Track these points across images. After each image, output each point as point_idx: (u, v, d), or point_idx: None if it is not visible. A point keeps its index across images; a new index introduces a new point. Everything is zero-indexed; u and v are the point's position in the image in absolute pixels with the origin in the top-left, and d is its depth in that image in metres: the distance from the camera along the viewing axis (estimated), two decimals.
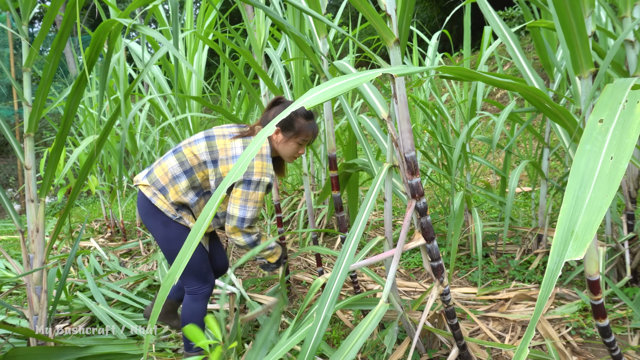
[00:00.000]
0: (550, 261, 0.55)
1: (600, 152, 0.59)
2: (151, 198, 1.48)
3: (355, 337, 1.08)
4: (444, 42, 8.72)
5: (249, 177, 1.42)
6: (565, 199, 0.58)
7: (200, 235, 0.68)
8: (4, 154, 9.51)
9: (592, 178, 0.58)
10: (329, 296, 1.04)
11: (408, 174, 1.16)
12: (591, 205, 0.55)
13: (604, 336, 1.18)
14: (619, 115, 0.62)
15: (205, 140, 1.50)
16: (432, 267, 1.26)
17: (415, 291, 2.21)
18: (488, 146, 4.50)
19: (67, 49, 10.09)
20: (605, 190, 0.56)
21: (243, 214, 1.44)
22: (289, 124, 1.50)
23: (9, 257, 1.67)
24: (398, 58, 1.10)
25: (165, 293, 0.67)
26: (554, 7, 0.98)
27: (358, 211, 1.17)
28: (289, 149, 1.54)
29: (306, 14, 1.52)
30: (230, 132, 1.54)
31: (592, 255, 1.10)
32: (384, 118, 1.23)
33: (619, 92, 0.66)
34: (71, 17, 1.33)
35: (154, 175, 1.51)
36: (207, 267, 1.57)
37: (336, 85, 0.72)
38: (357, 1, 1.02)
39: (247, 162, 0.67)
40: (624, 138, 0.59)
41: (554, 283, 0.54)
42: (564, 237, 0.55)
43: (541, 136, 2.14)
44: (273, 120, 0.68)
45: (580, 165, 0.59)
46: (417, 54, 3.12)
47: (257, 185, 1.43)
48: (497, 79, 0.84)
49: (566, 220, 0.56)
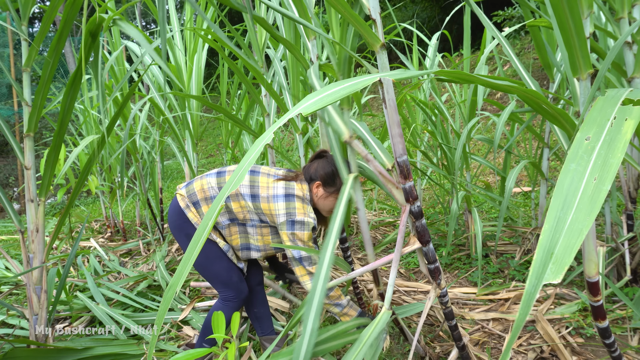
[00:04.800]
0: (528, 283, 0.54)
1: (585, 171, 0.58)
2: (184, 209, 1.53)
3: (358, 347, 1.06)
4: (444, 42, 8.72)
5: (292, 218, 1.43)
6: (547, 220, 0.57)
7: (205, 235, 0.69)
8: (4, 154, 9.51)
9: (574, 199, 0.57)
10: (312, 309, 1.00)
11: (401, 178, 1.15)
12: (572, 228, 0.54)
13: (603, 337, 1.18)
14: (606, 133, 0.61)
15: (249, 175, 1.52)
16: (429, 270, 1.25)
17: (416, 291, 2.21)
18: (488, 146, 4.49)
19: (67, 49, 10.09)
20: (586, 212, 0.55)
21: (298, 254, 1.45)
22: (331, 179, 1.50)
23: (9, 257, 1.67)
24: (385, 62, 1.09)
25: (173, 292, 0.68)
26: (552, 9, 0.98)
27: (329, 220, 1.16)
28: (329, 204, 1.54)
29: (293, 21, 1.51)
30: (276, 172, 1.56)
31: (591, 256, 1.10)
32: (345, 140, 1.23)
33: (609, 107, 0.65)
34: (70, 17, 1.32)
35: (192, 188, 1.56)
36: (238, 278, 1.60)
37: (333, 91, 0.72)
38: (341, 8, 1.00)
39: (244, 172, 0.67)
40: (609, 158, 0.58)
41: (531, 306, 0.53)
42: (543, 258, 0.55)
43: (541, 136, 2.14)
44: (272, 126, 0.68)
45: (564, 185, 0.59)
46: (417, 54, 3.12)
47: (302, 225, 1.43)
48: (494, 81, 0.84)
49: (546, 241, 0.55)
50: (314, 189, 1.53)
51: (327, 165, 1.51)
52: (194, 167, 2.84)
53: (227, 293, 1.58)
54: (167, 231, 3.78)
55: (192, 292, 2.44)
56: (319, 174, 1.51)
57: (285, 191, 1.46)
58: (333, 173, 1.50)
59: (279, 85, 2.33)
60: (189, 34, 2.73)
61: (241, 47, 1.86)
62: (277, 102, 1.97)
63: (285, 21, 1.86)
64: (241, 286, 1.59)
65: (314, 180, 1.52)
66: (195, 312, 2.12)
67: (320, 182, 1.51)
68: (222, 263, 1.56)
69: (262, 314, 1.74)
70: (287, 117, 0.67)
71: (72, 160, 2.47)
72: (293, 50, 1.47)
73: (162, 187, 3.76)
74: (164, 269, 2.61)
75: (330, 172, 1.50)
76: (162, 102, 2.83)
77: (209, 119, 6.29)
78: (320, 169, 1.51)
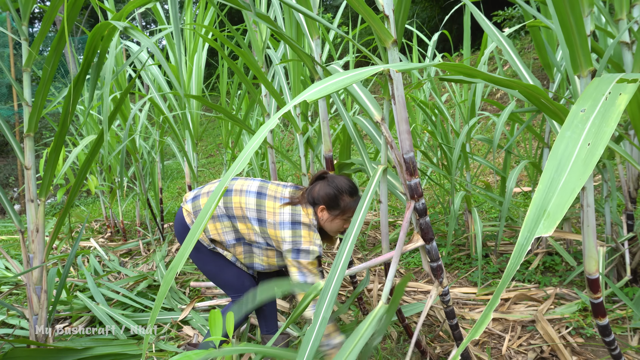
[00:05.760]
0: (520, 236, 0.57)
1: (579, 138, 0.61)
2: (190, 224, 1.51)
3: (355, 339, 1.06)
4: (444, 42, 8.73)
5: (297, 247, 1.41)
6: (541, 181, 0.59)
7: (198, 234, 0.69)
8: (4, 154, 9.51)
9: (568, 162, 0.59)
10: (327, 297, 1.03)
11: (407, 175, 1.16)
12: (565, 187, 0.57)
13: (603, 335, 1.18)
14: (601, 105, 0.63)
15: (256, 197, 1.49)
16: (432, 268, 1.26)
17: (416, 291, 2.21)
18: (488, 146, 4.49)
19: (67, 49, 10.08)
20: (579, 174, 0.57)
21: (304, 279, 1.43)
22: (334, 202, 1.47)
23: (9, 257, 1.67)
24: (396, 58, 1.10)
25: (167, 287, 0.68)
26: (554, 7, 0.98)
27: (335, 239, 1.16)
28: (335, 226, 1.52)
29: (297, 12, 1.51)
30: (282, 195, 1.52)
31: (591, 254, 1.10)
32: (377, 120, 1.23)
33: (604, 85, 0.67)
34: (71, 18, 1.33)
35: (199, 204, 1.53)
36: (250, 282, 1.60)
37: (336, 80, 0.73)
38: (355, 2, 1.01)
39: (245, 160, 0.67)
40: (603, 127, 0.60)
41: (522, 257, 0.56)
42: (536, 215, 0.57)
43: (541, 136, 2.14)
44: (257, 132, 0.68)
45: (559, 149, 0.61)
46: (417, 54, 3.12)
47: (307, 254, 1.42)
48: (497, 77, 0.84)
49: (540, 199, 0.57)
50: (318, 213, 1.50)
51: (329, 187, 1.47)
52: (194, 167, 2.84)
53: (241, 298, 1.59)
54: (167, 231, 3.78)
55: (192, 292, 2.45)
56: (322, 198, 1.47)
57: (291, 218, 1.44)
58: (335, 196, 1.47)
59: (279, 85, 2.33)
60: (189, 34, 2.73)
61: (241, 46, 1.86)
62: (278, 100, 1.97)
63: (287, 21, 1.86)
64: (254, 290, 1.60)
65: (317, 204, 1.49)
66: (195, 312, 2.12)
67: (324, 206, 1.48)
68: (232, 270, 1.57)
69: (269, 312, 1.74)
70: (293, 104, 0.68)
71: (72, 160, 2.47)
72: (296, 49, 1.47)
73: (162, 187, 3.76)
74: (164, 269, 2.61)
75: (333, 195, 1.47)
76: (162, 102, 2.83)
77: (209, 119, 6.29)
78: (322, 192, 1.47)
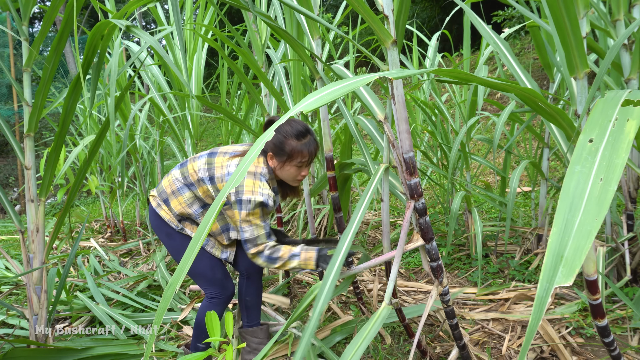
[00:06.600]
0: (539, 288, 0.54)
1: (590, 173, 0.58)
2: (156, 208, 1.52)
3: (358, 341, 1.06)
4: (444, 42, 8.72)
5: (239, 197, 1.36)
6: (555, 223, 0.57)
7: (199, 244, 0.69)
8: (4, 154, 9.51)
9: (581, 201, 0.57)
10: (324, 291, 1.06)
11: (407, 175, 1.16)
12: (580, 230, 0.54)
13: (602, 336, 1.18)
14: (609, 134, 0.61)
15: (206, 157, 1.48)
16: (432, 268, 1.26)
17: (416, 291, 2.21)
18: (488, 146, 4.49)
19: (67, 49, 10.09)
20: (594, 213, 0.55)
21: (243, 236, 1.39)
22: (279, 148, 1.40)
23: (9, 257, 1.67)
24: (396, 58, 1.10)
25: (166, 303, 0.68)
26: (549, 9, 0.98)
27: (353, 211, 1.17)
28: (288, 174, 1.45)
29: (298, 13, 1.52)
30: (234, 150, 1.48)
31: (589, 255, 1.10)
32: (380, 119, 1.23)
33: (610, 109, 0.65)
34: (71, 17, 1.33)
35: (161, 186, 1.55)
36: (222, 274, 1.56)
37: (333, 89, 0.73)
38: (355, 2, 1.02)
39: (239, 179, 0.67)
40: (614, 158, 0.58)
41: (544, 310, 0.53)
42: (553, 262, 0.54)
43: (541, 136, 2.14)
44: (261, 137, 0.68)
45: (570, 187, 0.58)
46: (417, 54, 3.12)
47: (247, 204, 1.35)
48: (493, 81, 0.84)
49: (556, 244, 0.55)
50: (269, 161, 1.43)
51: (275, 133, 1.37)
52: None
53: (212, 290, 1.54)
54: None
55: (192, 293, 2.45)
56: (268, 144, 1.40)
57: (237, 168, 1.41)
58: (281, 141, 1.39)
59: (280, 85, 2.33)
60: (189, 34, 2.73)
61: (241, 46, 1.86)
62: (278, 100, 1.98)
63: (287, 21, 1.86)
64: (226, 283, 1.56)
65: (265, 151, 1.42)
66: (195, 312, 2.12)
67: (272, 153, 1.41)
68: (205, 260, 1.53)
69: (252, 303, 1.69)
70: (289, 115, 0.68)
71: (72, 160, 2.47)
72: (297, 48, 1.47)
73: None
74: (164, 268, 2.61)
75: (278, 140, 1.39)
76: (162, 102, 2.83)
77: (208, 119, 6.29)
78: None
